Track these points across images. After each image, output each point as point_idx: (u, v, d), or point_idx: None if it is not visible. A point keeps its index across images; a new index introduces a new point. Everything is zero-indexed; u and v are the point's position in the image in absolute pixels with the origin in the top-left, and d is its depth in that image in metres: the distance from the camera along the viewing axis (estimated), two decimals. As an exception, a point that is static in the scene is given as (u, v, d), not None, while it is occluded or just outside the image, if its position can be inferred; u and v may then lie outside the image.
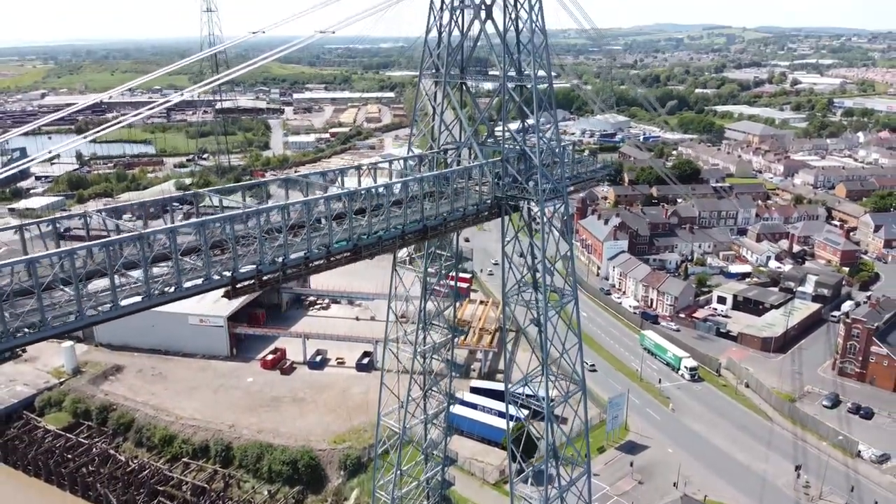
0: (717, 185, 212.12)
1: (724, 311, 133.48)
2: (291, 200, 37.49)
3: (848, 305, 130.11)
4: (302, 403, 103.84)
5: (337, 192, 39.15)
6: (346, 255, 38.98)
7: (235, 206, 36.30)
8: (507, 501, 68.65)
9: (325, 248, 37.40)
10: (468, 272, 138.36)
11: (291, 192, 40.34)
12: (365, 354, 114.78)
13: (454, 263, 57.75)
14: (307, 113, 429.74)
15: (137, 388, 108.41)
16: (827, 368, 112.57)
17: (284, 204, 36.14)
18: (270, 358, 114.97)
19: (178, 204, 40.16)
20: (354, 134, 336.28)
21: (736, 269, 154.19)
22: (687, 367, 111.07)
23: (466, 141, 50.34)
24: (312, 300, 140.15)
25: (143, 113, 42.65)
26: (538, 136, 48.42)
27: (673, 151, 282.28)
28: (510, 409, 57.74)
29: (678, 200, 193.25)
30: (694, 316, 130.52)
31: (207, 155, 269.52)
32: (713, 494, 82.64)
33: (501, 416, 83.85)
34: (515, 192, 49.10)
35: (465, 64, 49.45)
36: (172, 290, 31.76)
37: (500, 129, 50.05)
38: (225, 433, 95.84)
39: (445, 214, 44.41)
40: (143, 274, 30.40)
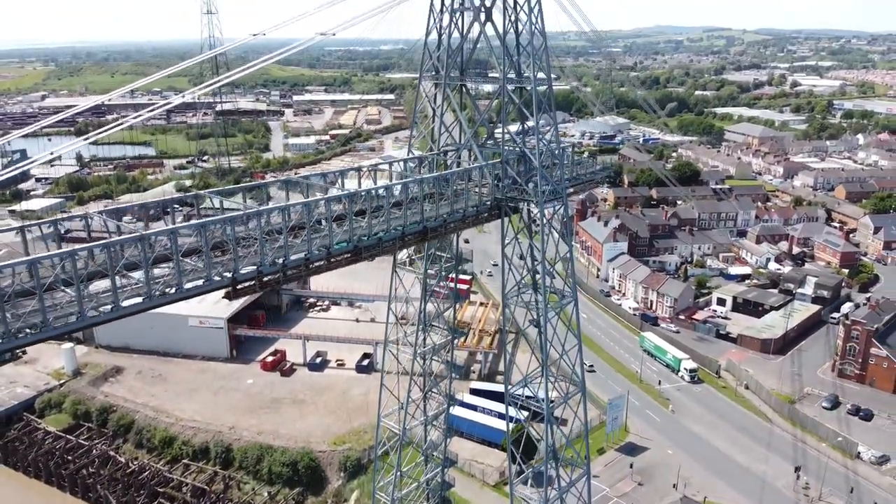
0: (716, 186, 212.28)
1: (723, 312, 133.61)
2: (292, 202, 37.60)
3: (847, 307, 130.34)
4: (302, 405, 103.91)
5: (337, 193, 39.30)
6: (346, 256, 39.12)
7: (236, 207, 36.43)
8: (506, 503, 68.76)
9: (325, 249, 37.52)
10: (468, 274, 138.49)
11: (292, 193, 40.40)
12: (365, 356, 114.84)
13: (454, 265, 57.89)
14: (307, 115, 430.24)
15: (137, 389, 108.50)
16: (826, 370, 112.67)
17: (285, 205, 36.27)
18: (270, 360, 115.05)
19: (178, 206, 40.29)
20: (354, 136, 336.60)
21: (735, 270, 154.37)
22: (687, 368, 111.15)
23: (466, 143, 50.49)
24: (312, 302, 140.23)
25: (143, 115, 42.82)
26: (538, 137, 48.56)
27: (673, 153, 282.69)
28: (510, 410, 57.88)
29: (678, 202, 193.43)
30: (693, 318, 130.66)
31: (207, 157, 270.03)
32: (713, 496, 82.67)
33: (501, 417, 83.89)
34: (515, 193, 49.25)
35: (464, 66, 49.60)
36: (173, 291, 31.89)
37: (499, 130, 50.21)
38: (225, 435, 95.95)
39: (445, 216, 44.55)
40: (144, 275, 30.53)
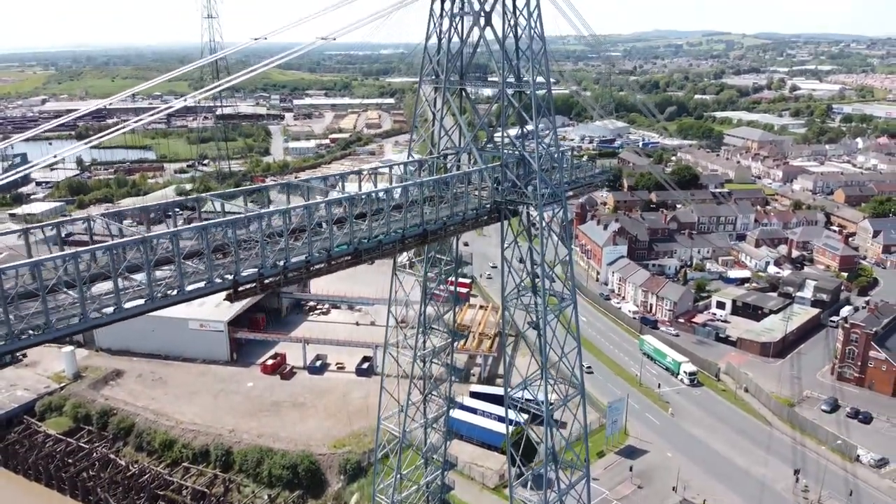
0: (716, 190, 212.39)
1: (723, 316, 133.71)
2: (293, 205, 37.84)
3: (847, 310, 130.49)
4: (302, 408, 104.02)
5: (338, 196, 39.57)
6: (346, 258, 39.39)
7: (237, 210, 36.68)
8: (506, 505, 68.87)
9: (325, 251, 37.76)
10: (468, 277, 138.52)
11: (292, 197, 40.66)
12: (365, 359, 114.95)
13: (454, 268, 58.11)
14: (307, 119, 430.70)
15: (138, 392, 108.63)
16: (826, 373, 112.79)
17: (286, 208, 36.51)
18: (270, 363, 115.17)
19: (178, 210, 40.55)
20: (354, 140, 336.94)
21: (735, 274, 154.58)
22: (686, 371, 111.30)
23: (466, 146, 50.77)
24: (312, 305, 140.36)
25: (144, 119, 43.03)
26: (537, 141, 48.80)
27: (672, 157, 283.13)
28: (510, 413, 58.03)
29: (677, 206, 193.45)
30: (693, 321, 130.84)
31: (208, 161, 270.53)
32: (712, 499, 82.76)
33: (501, 420, 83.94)
34: (514, 196, 49.48)
35: (464, 70, 49.89)
36: (175, 293, 32.13)
37: (499, 134, 50.50)
38: (225, 438, 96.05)
39: (445, 219, 44.81)
40: (146, 277, 30.77)
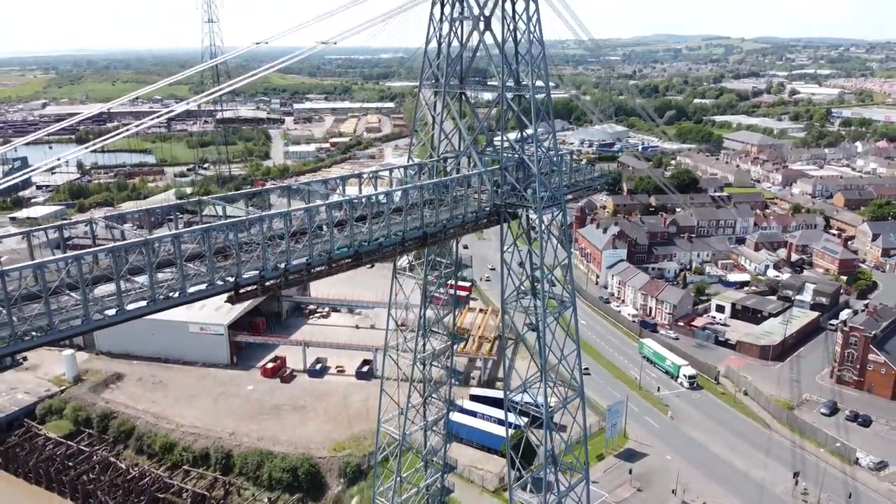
0: (715, 194, 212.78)
1: (722, 319, 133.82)
2: (294, 207, 38.09)
3: (846, 314, 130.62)
4: (302, 411, 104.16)
5: (338, 199, 39.83)
6: (347, 261, 39.64)
7: (238, 214, 36.93)
8: (506, 508, 68.98)
9: (326, 254, 38.02)
10: (468, 280, 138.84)
11: (293, 200, 40.91)
12: (365, 362, 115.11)
13: (454, 271, 58.35)
14: (307, 123, 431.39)
15: (138, 395, 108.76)
16: (825, 376, 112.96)
17: (287, 211, 36.76)
18: (270, 366, 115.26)
19: (179, 213, 40.77)
20: (354, 144, 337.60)
21: (734, 277, 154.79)
22: (686, 375, 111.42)
23: (466, 150, 51.04)
24: (312, 308, 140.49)
25: (146, 123, 43.12)
26: (536, 145, 49.10)
27: (671, 161, 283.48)
28: (509, 416, 58.19)
29: (677, 210, 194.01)
30: (692, 324, 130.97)
31: (208, 164, 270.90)
32: (712, 501, 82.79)
33: (501, 423, 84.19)
34: (514, 199, 49.73)
35: (464, 74, 50.18)
36: (177, 294, 32.38)
37: (498, 138, 50.78)
38: (225, 441, 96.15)
39: (445, 221, 45.07)
40: (148, 279, 31.01)
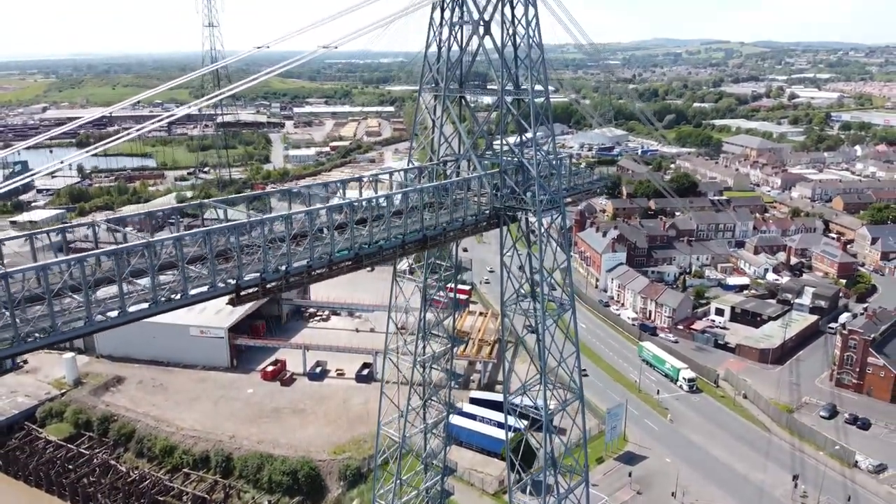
0: (714, 198, 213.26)
1: (721, 322, 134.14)
2: (295, 210, 38.33)
3: (845, 317, 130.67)
4: (302, 414, 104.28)
5: (339, 202, 40.08)
6: (347, 263, 39.88)
7: (239, 217, 37.18)
8: (505, 511, 69.06)
9: (327, 256, 38.26)
10: (467, 284, 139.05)
11: (293, 204, 41.18)
12: (364, 366, 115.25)
13: (454, 274, 58.58)
14: (308, 127, 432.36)
15: (138, 399, 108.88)
16: (824, 379, 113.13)
17: (288, 214, 36.96)
18: (271, 369, 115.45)
19: (180, 217, 40.95)
20: (354, 147, 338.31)
21: (734, 281, 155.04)
22: (685, 378, 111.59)
23: (465, 153, 51.31)
24: (312, 312, 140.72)
25: (147, 127, 43.34)
26: (535, 148, 49.38)
27: (671, 165, 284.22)
28: (509, 418, 58.35)
29: (676, 213, 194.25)
30: (692, 327, 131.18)
31: (208, 168, 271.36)
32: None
33: (500, 426, 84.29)
34: (513, 203, 50.02)
35: (463, 78, 50.48)
36: (178, 296, 32.58)
37: (498, 142, 51.06)
38: (225, 444, 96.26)
39: (445, 224, 45.29)
40: (150, 281, 31.23)
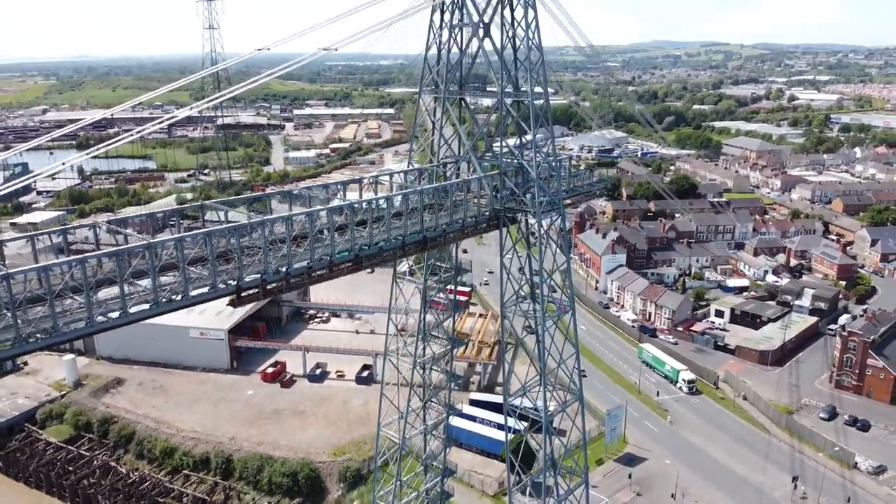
0: (714, 199, 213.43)
1: (721, 324, 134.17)
2: (295, 212, 38.48)
3: (845, 319, 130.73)
4: (302, 416, 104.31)
5: (339, 204, 40.23)
6: (347, 265, 40.03)
7: (239, 218, 37.34)
8: (505, 512, 69.09)
9: (327, 258, 38.40)
10: (467, 286, 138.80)
11: (294, 205, 41.34)
12: (365, 367, 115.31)
13: (454, 275, 58.71)
14: (308, 129, 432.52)
15: (138, 400, 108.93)
16: (824, 381, 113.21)
17: (288, 215, 37.12)
18: (270, 371, 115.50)
19: (180, 219, 41.09)
20: (354, 149, 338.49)
21: (733, 282, 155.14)
22: (685, 379, 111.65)
23: (465, 155, 51.47)
24: (312, 314, 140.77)
25: (148, 129, 43.55)
26: (535, 150, 49.54)
27: (671, 167, 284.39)
28: (509, 420, 58.45)
29: (676, 215, 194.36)
30: (692, 329, 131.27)
31: (208, 170, 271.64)
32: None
33: (500, 428, 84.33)
34: (513, 204, 50.19)
35: (463, 80, 50.67)
36: (179, 297, 32.72)
37: (498, 143, 51.22)
38: (225, 445, 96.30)
39: (445, 226, 45.45)
40: (151, 282, 31.36)
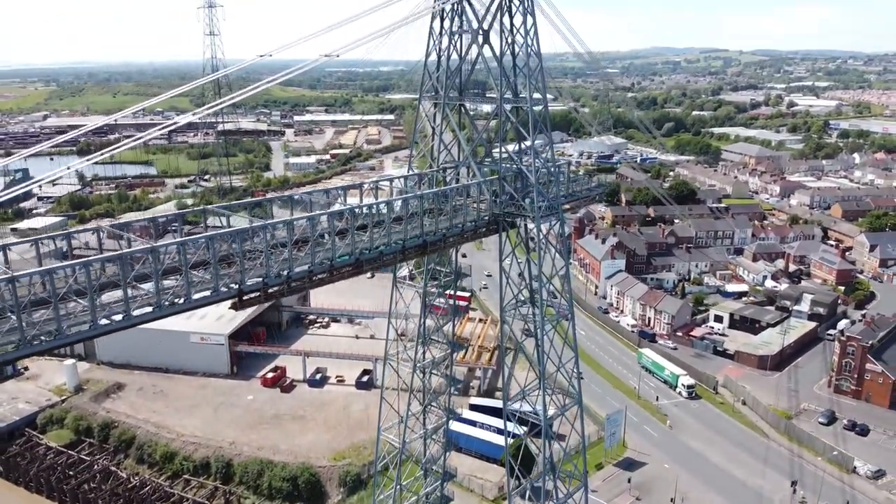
0: (713, 205, 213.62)
1: (720, 329, 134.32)
2: (297, 216, 38.86)
3: (843, 324, 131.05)
4: (302, 421, 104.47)
5: (340, 208, 40.65)
6: (348, 269, 40.38)
7: (241, 222, 37.74)
8: (505, 516, 69.24)
9: (328, 262, 38.76)
10: (467, 290, 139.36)
11: (295, 210, 41.73)
12: (364, 372, 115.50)
13: (453, 280, 59.06)
14: (308, 135, 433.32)
15: (139, 405, 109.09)
16: (823, 386, 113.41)
17: (289, 219, 37.49)
18: (270, 376, 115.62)
19: (177, 224, 41.40)
20: (355, 155, 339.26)
21: (732, 288, 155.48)
22: (684, 384, 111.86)
23: (465, 160, 51.93)
24: (312, 319, 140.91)
25: (150, 134, 43.93)
26: (533, 155, 49.98)
27: (670, 173, 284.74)
28: (509, 424, 58.71)
29: (675, 221, 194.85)
30: (691, 334, 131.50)
31: (209, 176, 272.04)
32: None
33: (500, 433, 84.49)
34: (512, 209, 50.59)
35: (463, 86, 51.15)
36: (182, 301, 33.06)
37: (497, 149, 51.66)
38: (225, 450, 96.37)
39: (444, 230, 45.85)
40: (153, 286, 31.73)
